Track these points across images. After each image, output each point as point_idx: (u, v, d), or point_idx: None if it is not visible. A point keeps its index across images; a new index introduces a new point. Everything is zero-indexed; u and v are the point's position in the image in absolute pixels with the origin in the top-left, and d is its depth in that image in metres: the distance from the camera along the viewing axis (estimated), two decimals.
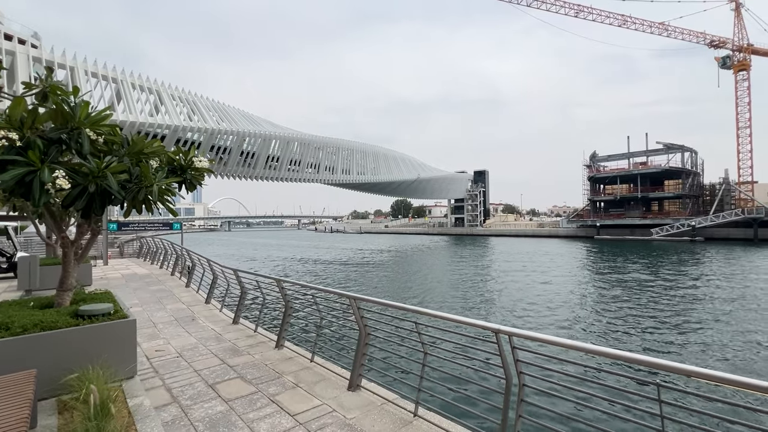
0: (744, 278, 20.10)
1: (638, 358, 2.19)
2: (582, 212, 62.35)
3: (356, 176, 49.23)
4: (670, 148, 53.57)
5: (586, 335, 11.01)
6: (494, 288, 18.53)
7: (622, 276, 21.56)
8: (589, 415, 5.37)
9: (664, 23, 57.06)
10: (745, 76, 54.86)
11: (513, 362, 2.72)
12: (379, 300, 3.87)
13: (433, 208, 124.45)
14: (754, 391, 1.79)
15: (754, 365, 8.61)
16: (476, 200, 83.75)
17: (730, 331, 11.14)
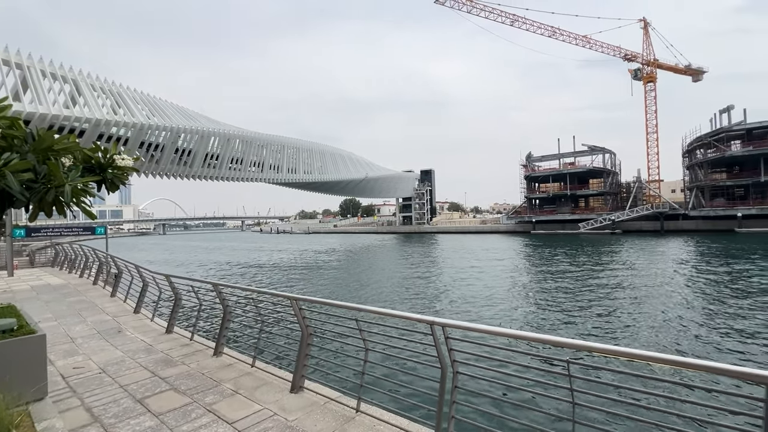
0: (651, 264, 22.86)
1: (551, 338, 2.41)
2: (520, 209, 66.72)
3: (303, 175, 48.18)
4: (593, 149, 59.18)
5: (517, 322, 11.83)
6: (438, 283, 19.18)
7: (553, 267, 23.46)
8: (516, 394, 5.81)
9: (587, 36, 62.85)
10: (653, 87, 62.30)
11: (447, 352, 2.84)
12: (320, 299, 3.88)
13: (382, 206, 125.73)
14: (652, 362, 2.09)
15: (657, 339, 9.84)
16: (423, 199, 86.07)
17: (640, 311, 12.62)
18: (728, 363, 8.49)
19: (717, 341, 9.60)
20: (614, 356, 2.25)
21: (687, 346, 9.43)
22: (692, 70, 61.45)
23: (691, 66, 61.27)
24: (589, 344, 2.33)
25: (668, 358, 2.04)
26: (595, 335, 10.45)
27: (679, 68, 61.68)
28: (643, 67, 61.99)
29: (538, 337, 2.61)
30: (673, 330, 10.61)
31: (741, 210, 45.33)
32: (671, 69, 61.84)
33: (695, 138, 52.00)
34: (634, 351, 2.12)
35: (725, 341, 9.58)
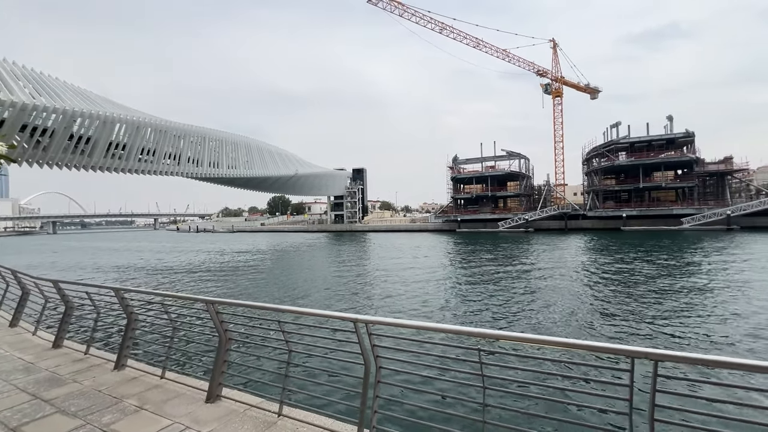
0: (557, 258, 25.71)
1: (464, 329, 2.63)
2: (446, 209, 70.34)
3: (227, 170, 45.09)
4: (511, 154, 64.70)
5: (438, 315, 12.44)
6: (367, 281, 19.36)
7: (474, 262, 25.14)
8: (435, 383, 6.08)
9: (507, 50, 68.50)
10: (560, 101, 70.16)
11: (370, 348, 2.89)
12: (239, 301, 3.64)
13: (313, 204, 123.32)
14: (547, 345, 2.39)
15: (554, 324, 11.07)
16: (355, 197, 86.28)
17: (544, 299, 14.09)
18: (606, 342, 9.95)
19: (600, 323, 11.11)
20: (519, 341, 2.57)
21: (575, 328, 10.75)
22: (590, 88, 70.45)
23: (589, 85, 70.21)
24: (497, 332, 2.66)
25: (559, 341, 2.37)
26: (505, 324, 11.40)
27: (580, 86, 70.27)
28: (552, 83, 69.46)
29: (454, 329, 2.81)
30: (567, 315, 12.05)
31: (625, 211, 53.18)
32: (574, 86, 70.21)
33: (592, 148, 59.83)
34: (533, 336, 2.42)
35: (607, 322, 11.13)
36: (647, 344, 9.35)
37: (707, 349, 9.03)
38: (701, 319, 11.22)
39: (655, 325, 10.74)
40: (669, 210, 51.01)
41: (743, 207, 47.26)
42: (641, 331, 10.30)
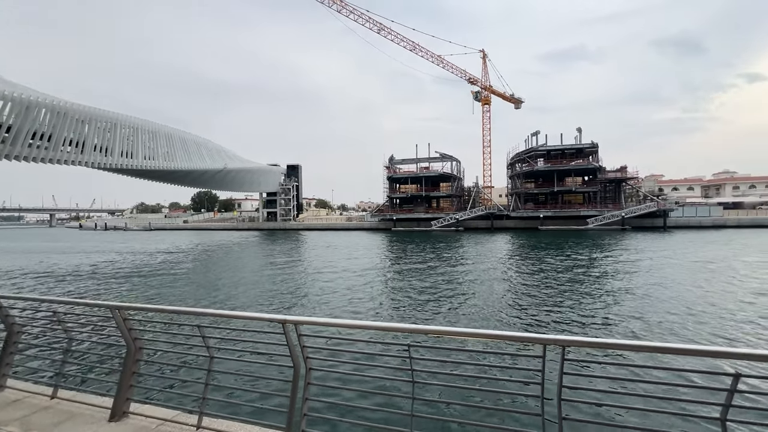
0: (483, 255, 27.48)
1: (394, 326, 2.67)
2: (382, 208, 71.34)
3: (143, 161, 40.71)
4: (444, 157, 67.68)
5: (371, 313, 12.54)
6: (300, 280, 18.84)
7: (407, 260, 25.82)
8: (366, 381, 6.08)
9: (441, 57, 71.42)
10: (488, 108, 75.09)
11: (300, 349, 2.82)
12: (151, 306, 3.24)
13: (244, 201, 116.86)
14: (470, 337, 2.53)
15: (476, 317, 11.80)
16: (289, 194, 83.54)
17: (471, 292, 14.95)
18: (522, 331, 10.81)
19: (520, 314, 12.09)
20: (445, 335, 2.62)
21: (497, 319, 11.57)
22: (515, 99, 76.50)
23: (513, 95, 76.19)
24: (425, 327, 2.63)
25: (481, 332, 2.52)
26: (434, 318, 11.86)
27: (506, 96, 75.92)
28: (482, 91, 74.10)
29: (384, 326, 2.88)
30: (490, 307, 12.92)
31: (542, 212, 58.71)
32: (501, 96, 75.64)
33: (515, 154, 65.08)
34: (458, 329, 2.53)
35: (526, 313, 12.15)
36: (558, 331, 10.37)
37: (607, 331, 10.28)
38: (603, 306, 12.77)
39: (565, 314, 11.95)
40: (577, 212, 57.45)
41: (634, 210, 55.01)
42: (554, 320, 11.39)
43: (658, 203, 55.58)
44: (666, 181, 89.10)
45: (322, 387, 3.37)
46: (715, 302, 12.88)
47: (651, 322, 10.90)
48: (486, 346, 8.09)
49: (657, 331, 10.16)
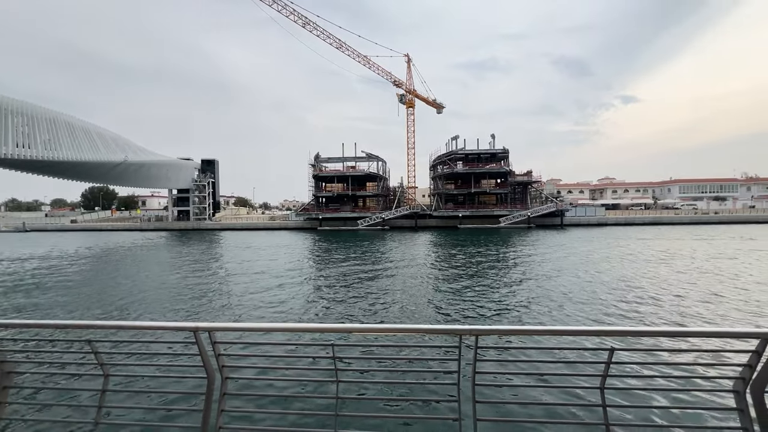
0: (407, 253, 28.16)
1: (316, 326, 2.51)
2: (308, 206, 69.45)
3: (13, 149, 33.94)
4: (370, 156, 68.25)
5: (297, 316, 11.91)
6: (216, 284, 17.27)
7: (333, 259, 25.32)
8: (289, 385, 5.67)
9: (367, 57, 71.92)
10: (412, 111, 77.65)
11: (215, 358, 2.65)
12: (23, 321, 2.46)
13: (149, 198, 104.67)
14: (396, 333, 2.54)
15: (400, 312, 11.89)
16: (205, 191, 76.81)
17: (394, 289, 15.07)
18: (440, 324, 11.23)
19: (439, 306, 12.47)
20: (369, 332, 2.75)
21: (418, 313, 11.79)
22: (437, 104, 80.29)
23: (436, 100, 79.91)
24: (349, 326, 2.63)
25: (402, 327, 2.56)
26: (359, 317, 11.64)
27: (429, 100, 79.30)
28: (406, 94, 76.39)
29: (307, 327, 2.75)
30: (413, 302, 13.14)
31: (461, 212, 62.52)
32: (424, 100, 78.80)
33: (437, 156, 68.37)
34: (381, 326, 2.59)
35: (445, 305, 12.56)
36: (472, 322, 10.86)
37: (514, 317, 11.04)
38: (511, 295, 13.77)
39: (479, 304, 12.61)
40: (491, 211, 62.34)
41: (537, 210, 61.46)
42: (469, 310, 11.92)
43: (557, 204, 62.89)
44: (562, 185, 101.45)
45: (241, 396, 3.26)
46: (595, 289, 14.73)
47: (551, 306, 12.00)
48: (407, 340, 8.09)
49: (554, 314, 11.19)
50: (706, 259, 22.53)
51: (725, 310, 11.49)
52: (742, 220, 61.79)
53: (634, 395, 5.19)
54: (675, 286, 15.05)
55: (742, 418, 2.46)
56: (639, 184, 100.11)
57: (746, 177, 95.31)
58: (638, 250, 27.40)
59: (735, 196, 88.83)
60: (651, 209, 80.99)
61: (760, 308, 11.61)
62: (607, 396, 2.62)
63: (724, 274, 17.28)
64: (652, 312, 11.37)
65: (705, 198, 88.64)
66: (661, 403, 5.28)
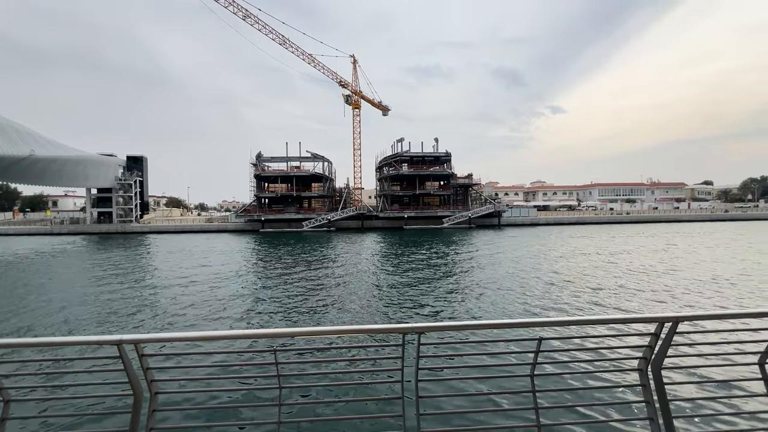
0: (353, 254, 28.06)
1: (258, 332, 2.46)
2: (249, 208, 66.38)
3: None
4: (315, 156, 67.05)
5: (237, 323, 11.30)
6: (142, 294, 15.81)
7: (276, 262, 24.44)
8: (228, 396, 5.34)
9: (312, 56, 70.59)
10: (358, 113, 77.67)
11: (143, 372, 2.48)
12: None
13: (62, 198, 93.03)
14: (341, 334, 2.53)
15: (344, 314, 11.80)
16: (131, 191, 70.00)
17: (339, 292, 14.91)
18: (384, 323, 11.38)
19: (384, 306, 12.57)
20: (312, 335, 2.60)
21: (362, 313, 11.79)
22: (382, 106, 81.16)
23: (382, 103, 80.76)
24: (292, 330, 2.51)
25: (346, 329, 2.49)
26: (302, 319, 11.34)
27: (375, 102, 79.90)
28: (352, 95, 76.25)
29: (246, 333, 2.51)
30: (357, 302, 13.10)
31: (406, 213, 63.81)
32: (370, 102, 79.24)
33: (383, 158, 69.10)
34: (324, 328, 2.52)
35: (390, 304, 12.69)
36: (417, 319, 11.08)
37: (455, 313, 11.45)
38: (452, 292, 14.28)
39: (424, 303, 12.90)
40: (435, 212, 64.41)
41: (478, 211, 64.74)
42: (416, 309, 12.15)
43: (495, 205, 66.74)
44: (500, 187, 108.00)
45: (175, 411, 3.15)
46: (526, 283, 15.83)
47: (487, 299, 12.64)
48: (351, 341, 8.02)
49: (487, 309, 11.80)
50: (615, 252, 25.34)
51: (630, 296, 12.97)
52: (647, 219, 70.44)
53: (560, 379, 5.63)
54: (591, 276, 16.69)
55: (645, 393, 2.79)
56: (566, 187, 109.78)
57: (651, 182, 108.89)
58: (562, 247, 30.01)
59: (642, 199, 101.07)
60: (575, 210, 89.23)
61: (656, 296, 13.27)
62: (536, 382, 2.79)
63: (624, 267, 19.54)
64: (575, 300, 12.47)
65: (619, 200, 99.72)
66: (580, 384, 5.79)
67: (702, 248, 27.70)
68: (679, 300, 12.59)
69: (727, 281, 15.44)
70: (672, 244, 31.51)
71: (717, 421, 4.73)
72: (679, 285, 14.91)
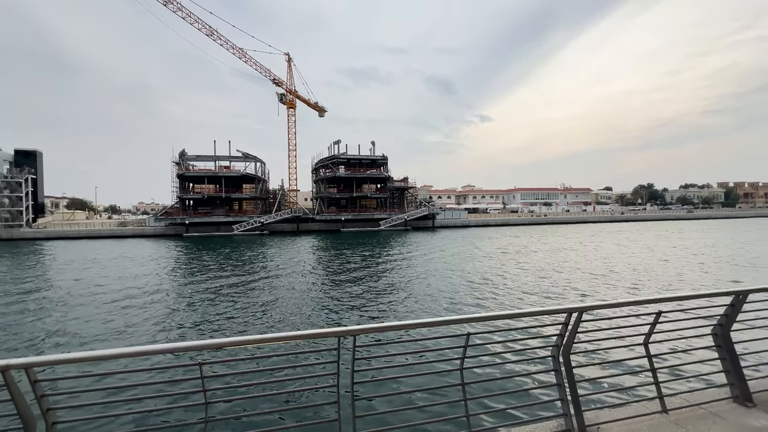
0: (288, 258, 27.14)
1: (177, 346, 2.27)
2: (171, 210, 60.85)
3: None
4: (247, 156, 63.75)
5: (151, 337, 10.30)
6: (33, 312, 13.69)
7: (202, 269, 22.73)
8: (147, 418, 4.82)
9: (243, 50, 67.16)
10: (293, 112, 75.62)
11: (37, 400, 2.19)
12: None
13: None
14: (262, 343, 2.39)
15: (276, 320, 11.40)
16: (21, 190, 60.02)
17: (272, 298, 14.34)
18: (319, 328, 11.23)
19: (320, 311, 12.37)
20: (242, 345, 2.39)
21: (297, 319, 11.51)
22: (318, 107, 79.96)
23: (318, 103, 79.53)
24: (219, 341, 2.35)
25: (277, 336, 2.42)
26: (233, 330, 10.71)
27: (311, 103, 78.42)
28: (287, 94, 74.04)
29: (164, 348, 2.32)
30: (291, 309, 12.74)
31: (343, 215, 63.50)
32: (306, 102, 77.61)
33: (319, 160, 68.06)
34: (253, 337, 2.37)
35: (326, 309, 12.52)
36: (354, 322, 11.07)
37: (391, 313, 11.65)
38: (387, 293, 14.51)
39: (359, 305, 12.92)
40: (372, 215, 65.01)
41: (413, 213, 66.74)
42: (352, 311, 12.11)
43: (429, 208, 69.38)
44: (434, 191, 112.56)
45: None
46: (456, 281, 16.72)
47: (421, 300, 13.08)
48: (285, 348, 7.76)
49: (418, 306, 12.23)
50: (535, 251, 27.92)
51: (546, 290, 14.36)
52: (560, 221, 78.64)
53: (486, 370, 6.02)
54: (513, 273, 18.17)
55: (557, 376, 3.13)
56: (493, 191, 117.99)
57: (564, 187, 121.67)
58: (488, 247, 32.25)
59: (557, 202, 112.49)
60: (501, 212, 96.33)
61: (565, 292, 14.88)
62: (465, 374, 2.95)
63: (542, 263, 21.65)
64: (500, 295, 13.45)
65: (538, 203, 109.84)
66: (504, 374, 6.25)
67: (605, 245, 31.70)
68: (584, 292, 14.23)
69: (617, 273, 17.85)
70: (581, 242, 35.55)
71: (616, 392, 5.44)
72: (585, 279, 16.86)
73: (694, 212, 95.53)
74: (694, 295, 3.41)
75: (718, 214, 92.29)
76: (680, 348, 4.55)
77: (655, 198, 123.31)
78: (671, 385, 3.54)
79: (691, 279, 16.29)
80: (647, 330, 3.40)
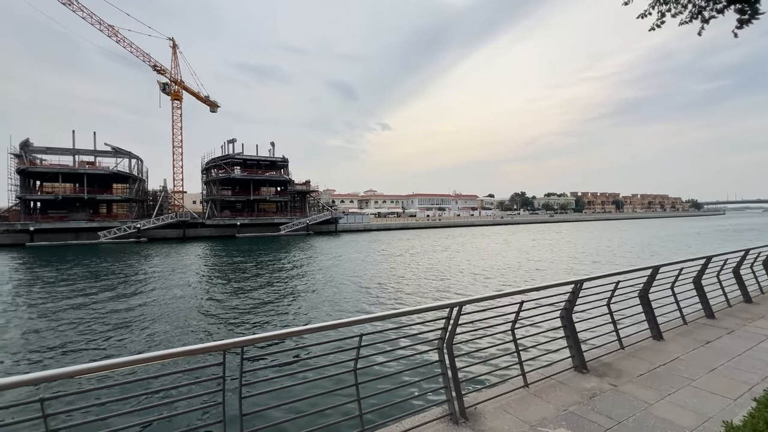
0: (170, 269, 24.11)
1: (15, 380, 1.84)
2: (9, 214, 48.74)
3: None
4: (118, 152, 54.78)
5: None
6: None
7: (52, 285, 18.75)
8: None
9: (114, 27, 57.72)
10: (179, 105, 67.63)
11: None
12: None
13: None
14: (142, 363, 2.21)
15: (149, 341, 10.11)
16: None
17: (146, 314, 12.59)
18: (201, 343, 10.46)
19: (203, 325, 11.33)
20: (109, 369, 2.13)
21: (176, 335, 10.37)
22: (210, 101, 73.11)
23: (209, 97, 72.66)
24: (71, 369, 2.01)
25: (154, 355, 2.18)
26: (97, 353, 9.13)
27: (200, 96, 71.22)
28: (171, 84, 65.96)
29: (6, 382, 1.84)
30: (168, 325, 11.40)
31: (239, 220, 59.06)
32: (195, 95, 70.20)
33: (211, 159, 62.20)
34: (117, 360, 2.13)
35: (210, 323, 11.51)
36: (244, 334, 10.35)
37: (285, 321, 11.24)
38: (283, 300, 13.99)
39: (250, 316, 12.15)
40: (272, 219, 61.91)
41: (315, 218, 65.66)
42: (240, 323, 11.30)
43: (332, 212, 69.20)
44: (336, 195, 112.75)
45: None
46: (347, 286, 17.05)
47: (318, 304, 12.93)
48: (161, 368, 6.83)
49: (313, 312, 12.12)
50: (429, 251, 30.13)
51: (435, 286, 15.59)
52: (453, 224, 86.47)
53: (379, 368, 6.21)
54: (408, 272, 19.29)
55: (442, 366, 3.42)
56: (393, 197, 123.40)
57: (455, 194, 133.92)
58: (390, 248, 33.67)
59: (450, 207, 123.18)
60: (401, 216, 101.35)
61: (451, 288, 16.41)
62: (358, 375, 3.03)
63: (432, 262, 23.54)
64: (393, 294, 14.09)
65: (433, 208, 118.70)
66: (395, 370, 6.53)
67: (486, 246, 35.82)
68: (465, 287, 15.83)
69: (493, 270, 20.41)
70: (468, 243, 39.53)
71: (490, 374, 6.13)
72: (467, 276, 18.78)
73: (554, 216, 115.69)
74: (547, 285, 4.10)
75: (570, 218, 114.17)
76: (538, 331, 5.37)
77: (527, 204, 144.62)
78: (531, 362, 4.19)
79: (548, 272, 19.47)
80: (513, 318, 3.95)
